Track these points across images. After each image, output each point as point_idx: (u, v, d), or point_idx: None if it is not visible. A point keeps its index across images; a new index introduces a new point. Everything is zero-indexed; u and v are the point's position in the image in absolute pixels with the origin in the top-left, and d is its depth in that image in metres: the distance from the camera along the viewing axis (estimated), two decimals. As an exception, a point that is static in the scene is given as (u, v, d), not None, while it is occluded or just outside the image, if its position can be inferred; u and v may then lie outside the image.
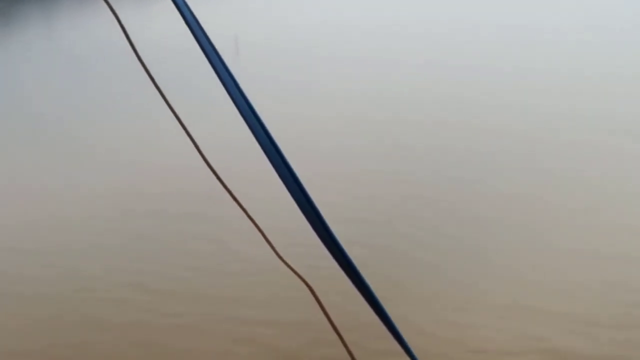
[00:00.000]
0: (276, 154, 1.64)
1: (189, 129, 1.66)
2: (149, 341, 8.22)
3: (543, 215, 10.71)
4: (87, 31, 28.83)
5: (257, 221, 1.66)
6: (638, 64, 19.30)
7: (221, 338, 8.20)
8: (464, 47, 21.65)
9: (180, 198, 11.93)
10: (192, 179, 12.58)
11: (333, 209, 8.23)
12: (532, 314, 8.31)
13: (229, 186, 1.67)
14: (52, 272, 9.82)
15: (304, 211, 1.64)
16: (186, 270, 9.70)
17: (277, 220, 8.14)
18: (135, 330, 8.44)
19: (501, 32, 23.52)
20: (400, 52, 21.29)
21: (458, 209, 11.10)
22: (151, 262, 9.94)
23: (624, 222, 10.44)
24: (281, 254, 1.94)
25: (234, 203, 1.73)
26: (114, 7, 1.64)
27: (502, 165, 12.80)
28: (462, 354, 7.70)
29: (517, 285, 8.92)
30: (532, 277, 9.07)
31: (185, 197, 11.92)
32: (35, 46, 26.47)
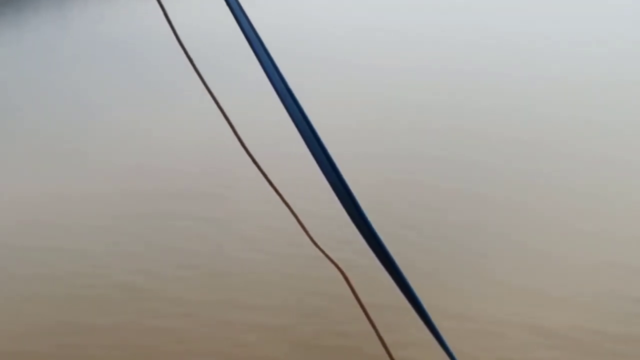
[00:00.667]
0: (315, 141, 1.66)
1: (226, 112, 1.68)
2: (143, 343, 8.21)
3: (542, 223, 10.72)
4: (100, 19, 28.76)
5: (293, 207, 1.67)
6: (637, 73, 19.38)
7: (218, 340, 8.19)
8: (463, 53, 21.69)
9: (177, 198, 11.91)
10: (190, 178, 12.62)
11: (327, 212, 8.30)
12: (530, 322, 8.33)
13: (266, 173, 1.69)
14: (44, 272, 9.80)
15: (342, 201, 1.66)
16: (183, 270, 9.68)
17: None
18: (128, 332, 8.43)
19: (504, 39, 23.55)
20: (397, 56, 21.33)
21: (456, 214, 11.13)
22: (147, 263, 9.92)
23: (625, 231, 10.47)
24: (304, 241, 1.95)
25: (232, 203, 1.73)
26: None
27: (502, 173, 12.82)
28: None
29: (515, 292, 8.94)
30: (531, 285, 9.09)
31: (181, 198, 11.89)
32: (48, 33, 26.39)
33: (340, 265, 1.71)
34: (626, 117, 15.39)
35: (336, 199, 1.65)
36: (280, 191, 1.66)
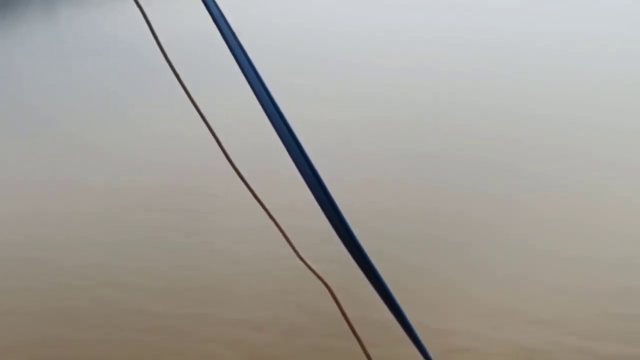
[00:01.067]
0: (298, 150, 1.62)
1: (208, 121, 1.63)
2: (121, 357, 8.05)
3: (530, 239, 10.42)
4: (89, 22, 28.77)
5: (275, 218, 1.63)
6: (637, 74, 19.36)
7: (197, 356, 8.02)
8: (464, 53, 21.69)
9: (169, 196, 11.85)
10: (183, 175, 12.51)
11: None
12: (516, 341, 8.10)
13: (249, 183, 1.64)
14: (20, 284, 9.66)
15: (324, 210, 1.62)
16: (172, 269, 9.60)
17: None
18: (106, 345, 8.26)
19: (506, 39, 23.54)
20: (400, 56, 21.33)
21: (441, 228, 10.90)
22: (126, 275, 9.71)
23: (620, 231, 10.34)
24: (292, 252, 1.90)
25: (214, 214, 1.68)
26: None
27: (503, 172, 12.77)
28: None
29: (501, 310, 8.70)
30: (517, 303, 8.85)
31: (174, 195, 11.83)
32: (37, 37, 26.40)
33: (326, 279, 1.66)
34: (628, 118, 15.36)
35: (321, 212, 1.60)
36: (262, 202, 1.61)
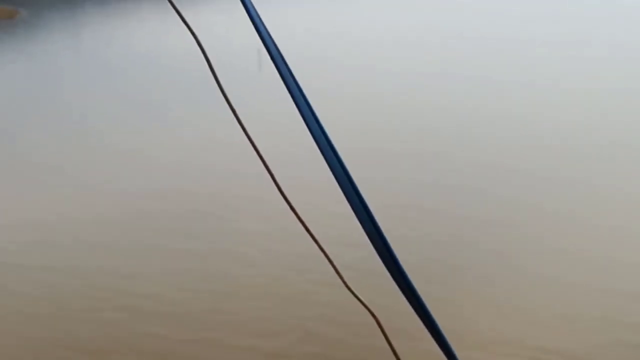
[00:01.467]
0: (341, 169, 1.53)
1: (253, 139, 1.55)
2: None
3: (543, 247, 10.53)
4: (112, 38, 29.03)
5: (320, 243, 1.54)
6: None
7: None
8: (467, 58, 21.86)
9: (180, 219, 11.74)
10: (195, 200, 12.48)
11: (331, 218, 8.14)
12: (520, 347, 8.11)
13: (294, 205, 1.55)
14: (36, 289, 9.66)
15: (370, 237, 1.52)
16: (180, 292, 9.54)
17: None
18: (129, 353, 8.30)
19: (506, 45, 23.74)
20: (403, 61, 21.51)
21: (452, 218, 11.09)
22: (149, 286, 9.74)
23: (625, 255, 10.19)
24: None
25: (234, 225, 1.60)
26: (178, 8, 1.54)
27: (504, 176, 12.71)
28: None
29: (519, 323, 8.72)
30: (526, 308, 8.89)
31: (184, 219, 11.72)
32: (61, 55, 26.63)
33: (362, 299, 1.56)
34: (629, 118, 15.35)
35: (369, 245, 1.49)
36: (312, 232, 1.51)
